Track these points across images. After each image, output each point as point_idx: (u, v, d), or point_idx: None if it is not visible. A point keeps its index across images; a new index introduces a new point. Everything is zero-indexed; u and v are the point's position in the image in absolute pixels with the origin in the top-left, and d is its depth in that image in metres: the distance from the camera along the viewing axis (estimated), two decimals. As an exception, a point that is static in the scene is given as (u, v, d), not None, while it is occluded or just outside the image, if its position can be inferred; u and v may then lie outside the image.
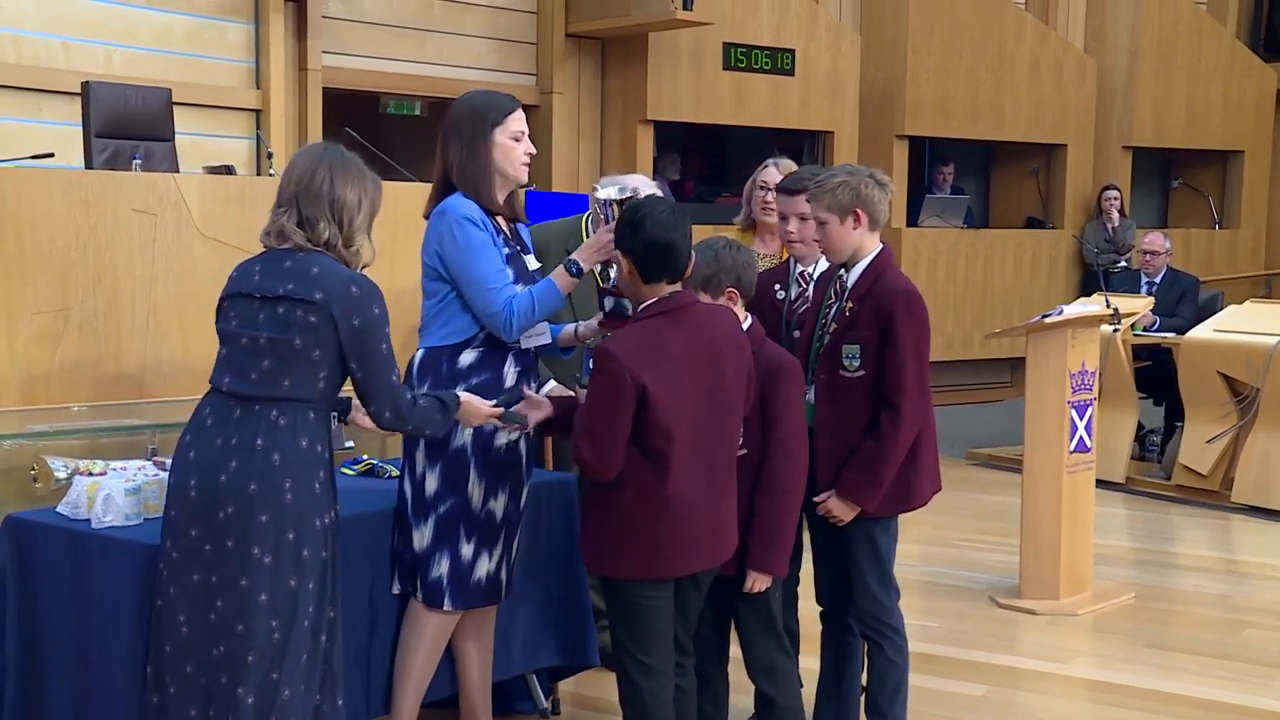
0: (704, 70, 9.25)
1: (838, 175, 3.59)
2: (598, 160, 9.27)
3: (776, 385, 3.39)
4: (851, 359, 3.54)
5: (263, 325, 2.95)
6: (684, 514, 3.13)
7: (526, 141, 3.55)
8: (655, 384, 3.04)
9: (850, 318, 3.55)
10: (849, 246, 3.57)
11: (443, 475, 3.42)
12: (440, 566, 3.43)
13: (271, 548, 2.91)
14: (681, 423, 3.09)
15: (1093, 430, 5.56)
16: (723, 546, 3.27)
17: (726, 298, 3.40)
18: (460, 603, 3.46)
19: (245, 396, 2.95)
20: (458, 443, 3.42)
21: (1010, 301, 10.77)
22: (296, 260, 2.98)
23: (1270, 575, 6.14)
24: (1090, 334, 5.61)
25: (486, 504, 3.46)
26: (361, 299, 2.95)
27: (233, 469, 2.91)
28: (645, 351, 3.07)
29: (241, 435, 2.93)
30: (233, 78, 7.66)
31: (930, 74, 10.42)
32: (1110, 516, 6.99)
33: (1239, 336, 7.29)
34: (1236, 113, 12.05)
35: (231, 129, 7.56)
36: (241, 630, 2.91)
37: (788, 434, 3.40)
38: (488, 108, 3.49)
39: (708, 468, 3.17)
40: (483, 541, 3.46)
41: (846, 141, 10.01)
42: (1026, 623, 5.33)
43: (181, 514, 2.95)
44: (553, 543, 3.92)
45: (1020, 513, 5.55)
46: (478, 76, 8.67)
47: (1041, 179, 11.41)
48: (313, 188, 2.98)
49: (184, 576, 2.94)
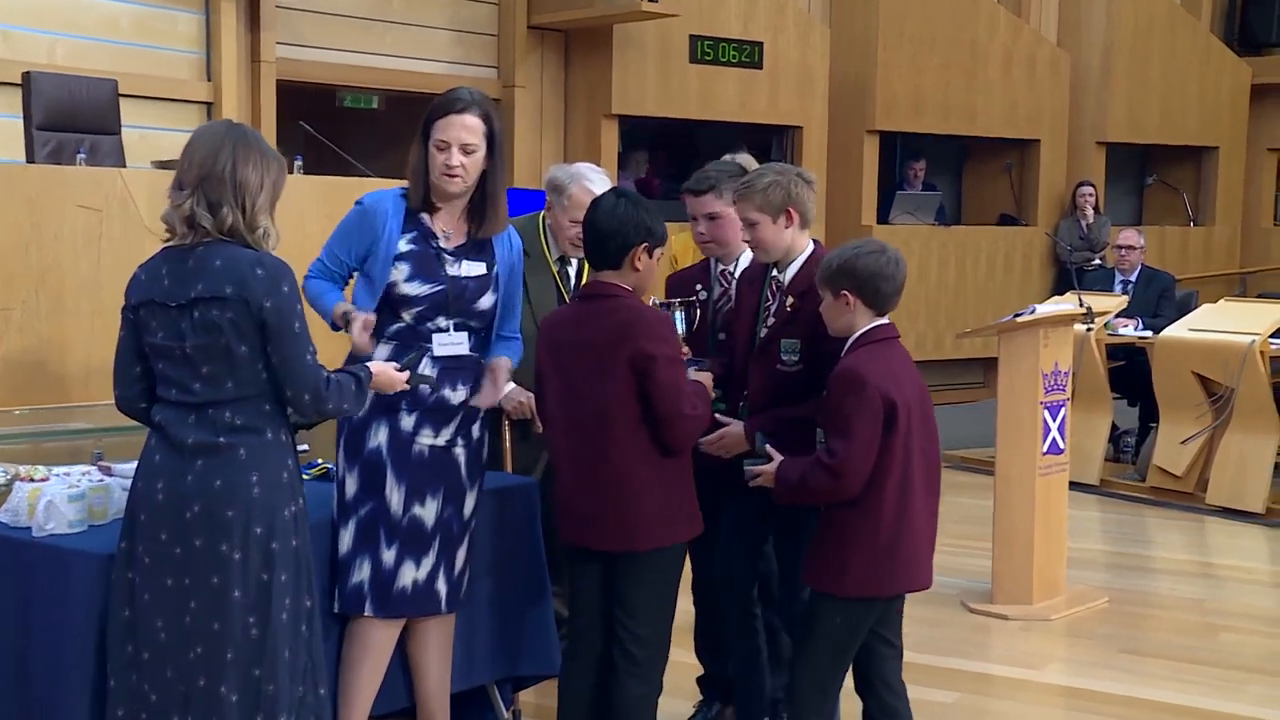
0: (670, 63, 9.24)
1: (766, 175, 3.65)
2: (561, 156, 9.24)
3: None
4: (790, 353, 3.63)
5: (187, 335, 2.93)
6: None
7: (452, 154, 3.45)
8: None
9: (791, 313, 3.63)
10: (781, 246, 3.66)
11: (360, 477, 3.43)
12: (361, 572, 3.42)
13: (240, 543, 2.92)
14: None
15: (1066, 431, 5.58)
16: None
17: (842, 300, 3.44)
18: (383, 611, 3.44)
19: (196, 405, 2.95)
20: (372, 444, 3.43)
21: (983, 300, 10.82)
22: (197, 257, 2.94)
23: (1245, 578, 6.19)
24: (1063, 333, 5.64)
25: (410, 509, 3.44)
26: (268, 279, 2.91)
27: (199, 468, 2.93)
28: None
29: (203, 435, 2.93)
30: (182, 69, 7.59)
31: (902, 68, 10.45)
32: (1084, 519, 7.04)
33: (1214, 336, 7.35)
34: (1212, 108, 12.16)
35: (181, 122, 7.47)
36: (218, 629, 2.92)
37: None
38: (435, 104, 3.49)
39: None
40: (407, 549, 3.44)
41: (816, 137, 10.03)
42: (999, 628, 5.35)
43: (151, 518, 2.96)
44: (515, 549, 3.91)
45: (993, 516, 5.57)
46: (438, 70, 8.64)
47: (1015, 175, 11.46)
48: (216, 171, 2.93)
49: (158, 582, 2.94)
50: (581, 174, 4.27)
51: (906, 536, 3.32)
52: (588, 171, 4.28)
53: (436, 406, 3.50)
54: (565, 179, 4.28)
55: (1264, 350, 7.16)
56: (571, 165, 4.37)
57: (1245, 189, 12.63)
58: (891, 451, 3.26)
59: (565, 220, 4.29)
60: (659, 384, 3.36)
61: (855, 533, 3.30)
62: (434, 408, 3.50)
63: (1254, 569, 6.38)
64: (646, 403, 3.37)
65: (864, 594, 3.33)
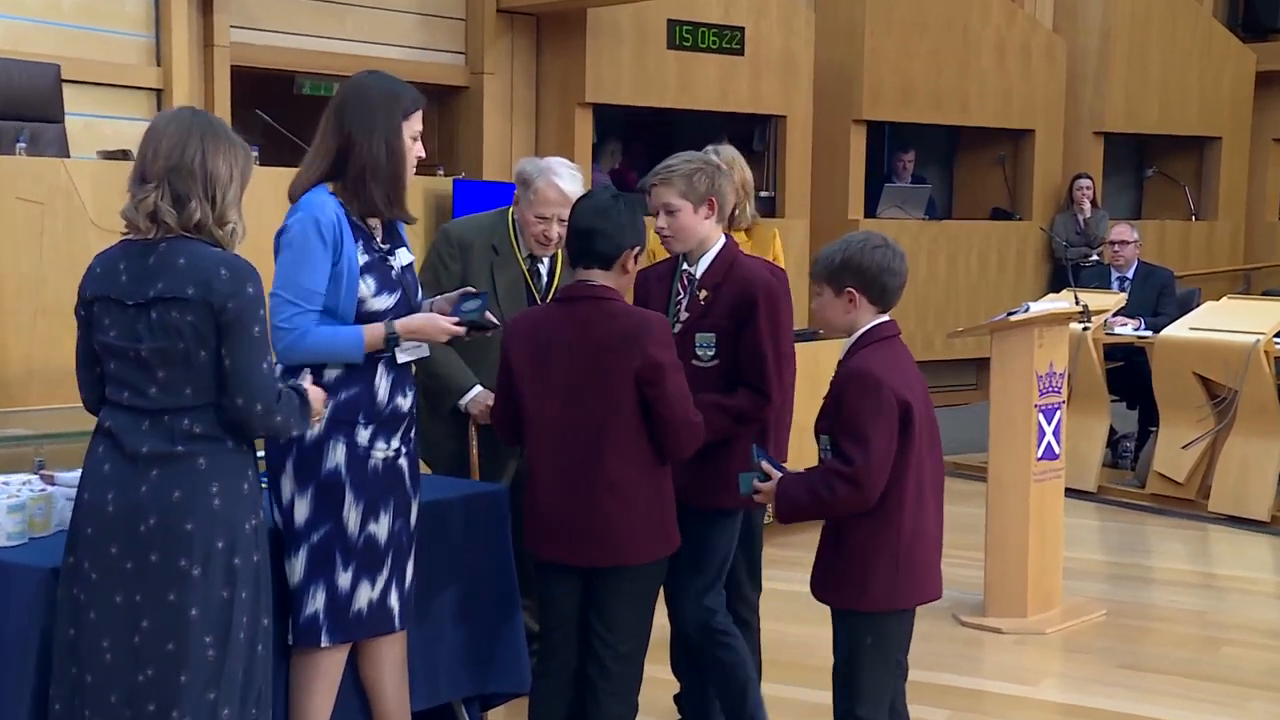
0: (647, 49, 9.25)
1: (692, 161, 3.71)
2: (532, 147, 9.24)
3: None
4: (706, 348, 3.66)
5: (144, 336, 2.90)
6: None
7: (419, 145, 3.49)
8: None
9: (705, 307, 3.67)
10: (698, 235, 3.72)
11: (315, 501, 3.36)
12: (316, 601, 3.37)
13: (201, 559, 2.89)
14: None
15: (1062, 436, 5.61)
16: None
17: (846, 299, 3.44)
18: (339, 636, 3.41)
19: (150, 410, 2.92)
20: (330, 462, 3.36)
21: (975, 298, 10.86)
22: (160, 254, 2.91)
23: (1249, 589, 6.23)
24: (1059, 333, 5.66)
25: (366, 528, 3.41)
26: (233, 280, 2.89)
27: (154, 478, 2.89)
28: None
29: (158, 444, 2.91)
30: (130, 53, 7.55)
31: (890, 54, 10.49)
32: (1081, 528, 7.07)
33: (1216, 335, 7.39)
34: (1214, 97, 12.23)
35: (129, 110, 7.44)
36: (173, 649, 2.89)
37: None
38: (401, 97, 3.44)
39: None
40: (363, 569, 3.41)
41: (800, 126, 10.06)
42: (992, 642, 5.37)
43: (99, 531, 2.92)
44: (483, 560, 3.90)
45: (985, 524, 5.59)
46: (401, 55, 8.62)
47: (1008, 167, 11.51)
48: (184, 162, 2.90)
49: (106, 598, 2.91)
50: (551, 168, 4.27)
51: (921, 544, 3.32)
52: (558, 166, 4.28)
53: (390, 415, 3.46)
54: (534, 173, 4.28)
55: (1269, 350, 7.20)
56: (542, 159, 4.36)
57: (1249, 181, 12.70)
58: (907, 455, 3.25)
59: (531, 215, 4.29)
60: (669, 393, 3.38)
61: (874, 543, 3.27)
62: (389, 418, 3.45)
63: (1258, 580, 6.42)
64: (644, 411, 3.39)
65: (889, 607, 3.31)
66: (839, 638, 3.37)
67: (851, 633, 3.33)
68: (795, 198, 10.10)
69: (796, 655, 4.79)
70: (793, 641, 4.86)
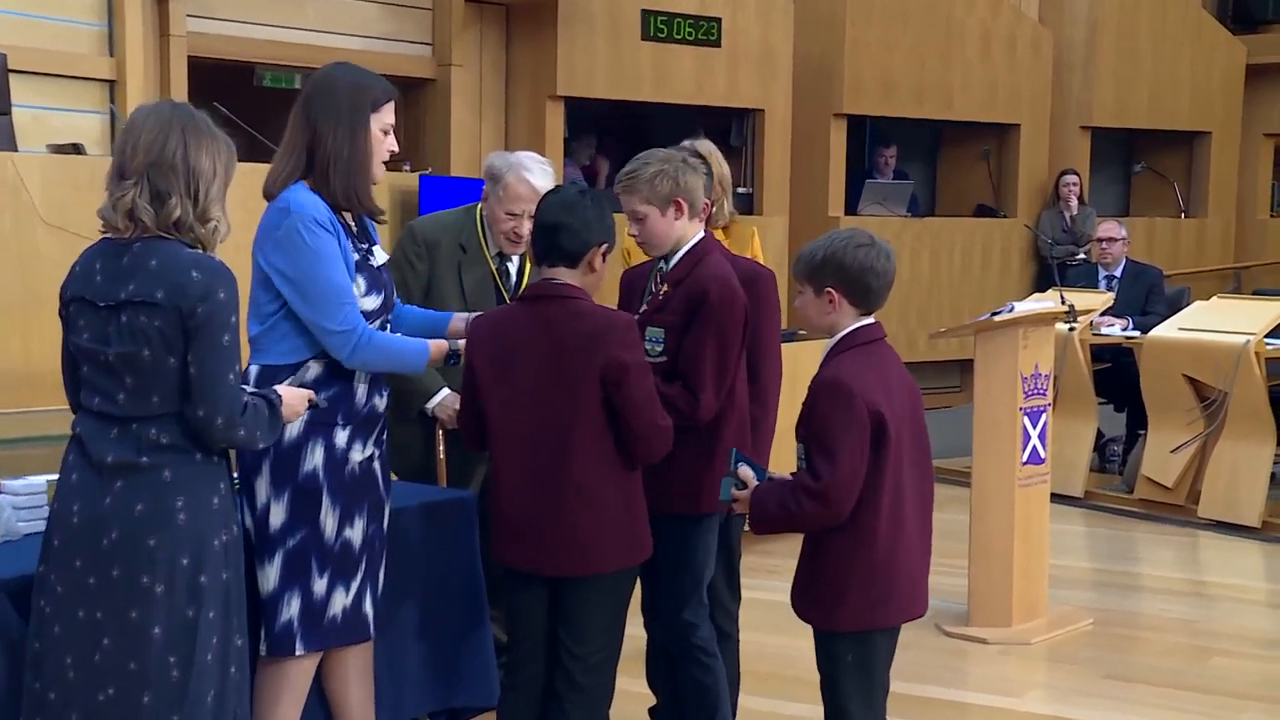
0: (621, 41, 9.25)
1: (652, 164, 3.69)
2: (502, 142, 9.23)
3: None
4: (655, 343, 3.67)
5: (113, 340, 2.90)
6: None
7: (392, 138, 3.51)
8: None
9: (663, 300, 3.69)
10: (670, 238, 3.72)
11: (291, 505, 3.37)
12: (290, 608, 3.38)
13: (164, 575, 2.88)
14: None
15: (1047, 439, 5.63)
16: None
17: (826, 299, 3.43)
18: (314, 644, 3.42)
19: (119, 417, 2.91)
20: (308, 465, 3.38)
21: (959, 297, 10.90)
22: (134, 254, 2.90)
23: (1239, 597, 6.27)
24: (1044, 333, 5.69)
25: (342, 531, 3.42)
26: (204, 283, 2.87)
27: (118, 490, 2.88)
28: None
29: (124, 453, 2.89)
30: (81, 43, 7.51)
31: (871, 46, 10.51)
32: (1067, 534, 7.11)
33: (1206, 336, 7.43)
34: (1204, 91, 12.29)
35: (80, 102, 7.40)
36: (135, 669, 2.87)
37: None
38: (370, 88, 3.45)
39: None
40: (338, 575, 3.43)
41: (779, 121, 10.08)
42: (976, 653, 5.39)
43: (65, 543, 2.91)
44: (450, 569, 3.90)
45: (969, 531, 5.61)
46: (365, 46, 8.60)
47: (993, 163, 11.56)
48: (165, 157, 2.89)
49: (69, 613, 2.90)
50: (521, 163, 4.27)
51: (902, 561, 3.28)
52: (528, 161, 4.28)
53: (368, 418, 3.48)
54: (503, 168, 4.28)
55: (1259, 351, 7.24)
56: (512, 154, 4.36)
57: (1240, 177, 12.77)
58: (882, 469, 3.20)
59: (500, 212, 4.29)
60: (634, 396, 3.37)
61: (849, 560, 3.25)
62: (366, 419, 3.48)
63: (1249, 587, 6.47)
64: (611, 414, 3.38)
65: (865, 626, 3.29)
66: (819, 656, 3.37)
67: (831, 651, 3.32)
68: (774, 194, 10.12)
69: (775, 666, 4.80)
70: (772, 652, 4.87)
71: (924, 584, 3.40)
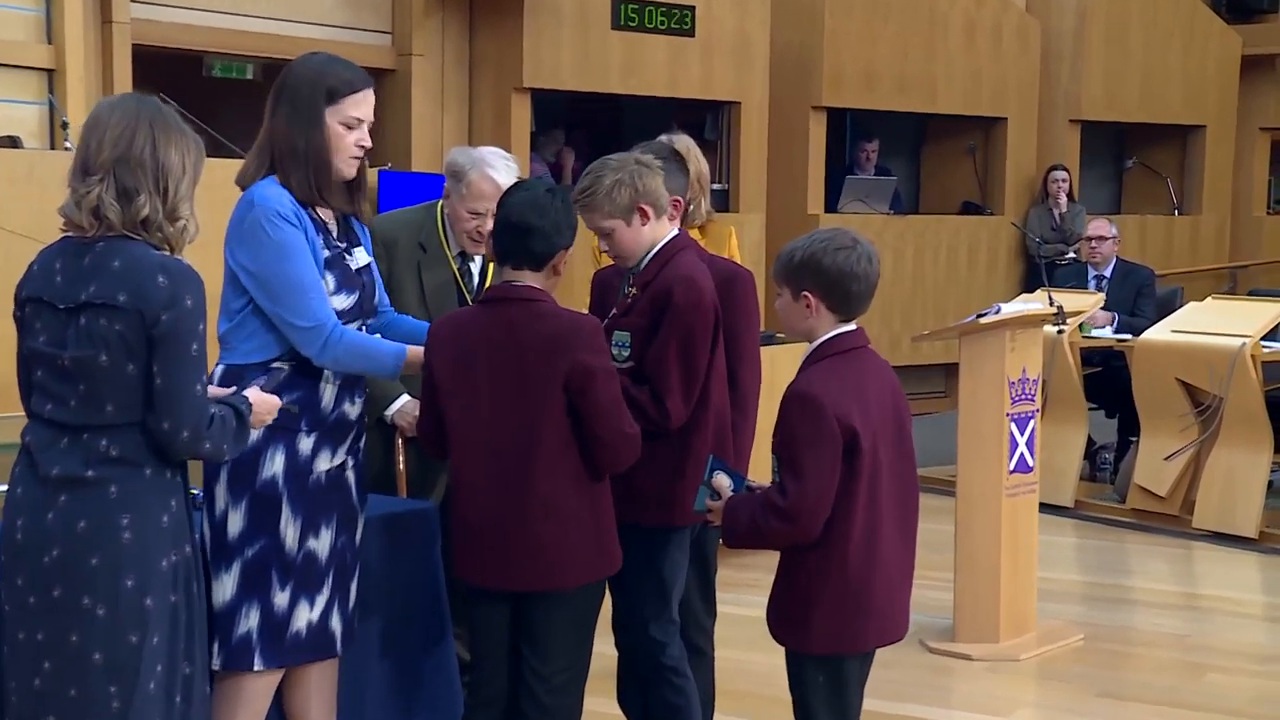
0: (590, 30, 9.26)
1: (606, 176, 3.68)
2: (465, 135, 9.23)
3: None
4: (621, 347, 3.67)
5: (70, 343, 2.89)
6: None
7: (363, 132, 3.48)
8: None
9: (630, 303, 3.69)
10: (643, 245, 3.72)
11: (249, 512, 3.38)
12: (249, 620, 3.38)
13: (106, 597, 2.86)
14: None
15: (1035, 447, 5.66)
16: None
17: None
18: (274, 660, 3.42)
19: (71, 425, 2.90)
20: (267, 472, 3.38)
21: (943, 298, 10.95)
22: (96, 254, 2.90)
23: (1235, 611, 6.31)
24: (1032, 336, 5.71)
25: (305, 542, 3.42)
26: (170, 289, 2.87)
27: (62, 504, 2.87)
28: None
29: (69, 465, 2.89)
30: (18, 30, 7.47)
31: (852, 37, 10.55)
32: (1056, 546, 7.13)
33: (1200, 338, 7.47)
34: (1198, 82, 12.37)
35: (15, 92, 7.37)
36: (74, 696, 2.86)
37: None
38: (328, 77, 3.45)
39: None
40: (302, 587, 3.43)
41: (756, 114, 10.10)
42: (962, 670, 5.42)
43: (9, 560, 2.91)
44: (411, 584, 3.90)
45: (954, 543, 5.64)
46: (321, 35, 8.59)
47: (978, 158, 11.62)
48: (133, 153, 2.89)
49: (12, 634, 2.89)
50: (484, 159, 4.27)
51: (878, 581, 3.27)
52: (492, 157, 4.28)
53: (336, 424, 3.49)
54: (466, 164, 4.29)
55: (1256, 354, 7.28)
56: (475, 149, 4.37)
57: (1235, 173, 12.86)
58: (855, 486, 3.19)
59: (463, 211, 4.30)
60: (600, 402, 3.37)
61: (818, 579, 3.24)
62: (334, 426, 3.48)
63: (1245, 601, 6.51)
64: (576, 420, 3.39)
65: (834, 650, 3.29)
66: (790, 677, 3.37)
67: (801, 673, 3.32)
68: (750, 191, 10.14)
69: (752, 685, 4.82)
70: (748, 670, 4.88)
71: (904, 606, 3.39)
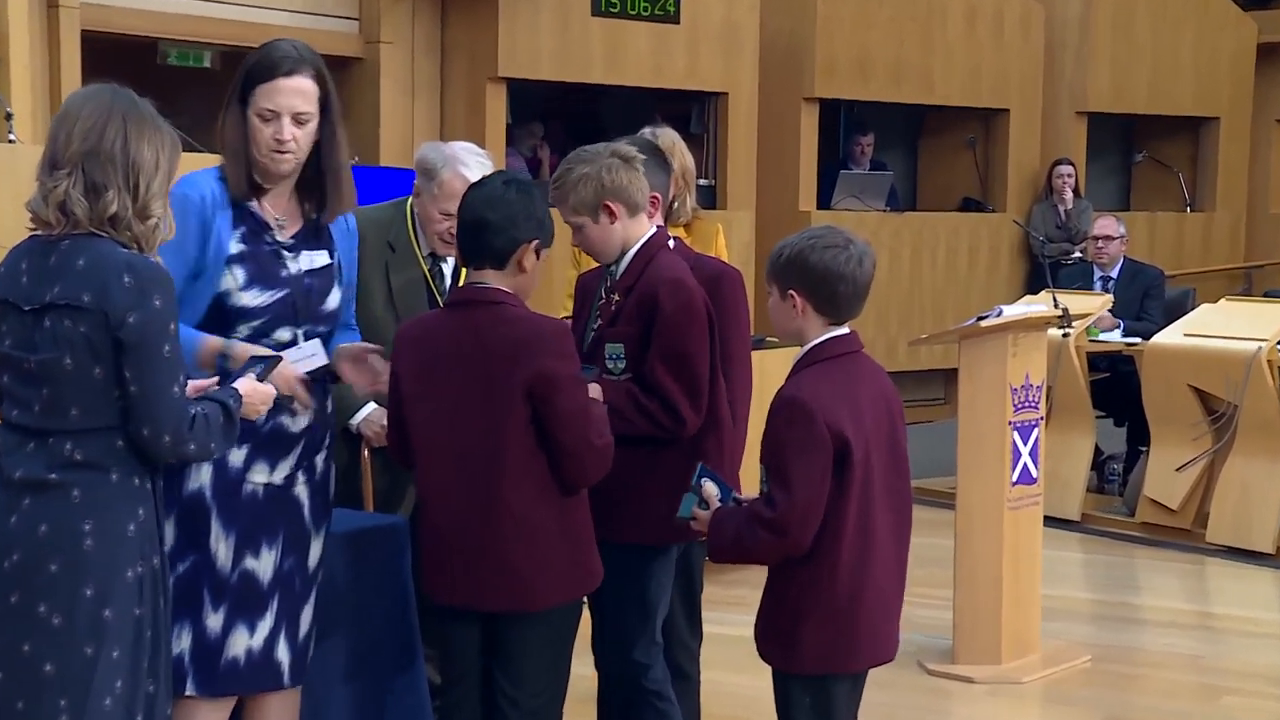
0: (569, 16, 9.25)
1: (574, 169, 3.70)
2: (436, 127, 9.21)
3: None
4: (615, 360, 3.68)
5: (36, 345, 2.91)
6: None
7: (280, 125, 3.43)
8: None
9: (615, 312, 3.70)
10: (613, 244, 3.73)
11: (177, 525, 3.37)
12: (180, 642, 3.37)
13: (63, 606, 2.87)
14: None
15: (1040, 457, 5.66)
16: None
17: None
18: (209, 688, 3.40)
19: (35, 430, 2.93)
20: (192, 485, 3.38)
21: (942, 300, 10.96)
22: (61, 253, 2.92)
23: (1251, 631, 6.32)
24: (1035, 340, 5.72)
25: (241, 562, 3.41)
26: (137, 289, 2.89)
27: (25, 508, 2.90)
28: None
29: (33, 469, 2.91)
30: (-41, 17, 7.44)
31: (845, 24, 10.55)
32: (1062, 561, 7.14)
33: (1213, 342, 7.48)
34: (1210, 73, 12.38)
35: (-43, 83, 7.33)
36: (21, 709, 2.87)
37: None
38: (252, 63, 3.46)
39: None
40: (238, 611, 3.41)
41: (744, 106, 10.09)
42: (962, 693, 5.41)
43: None
44: (379, 604, 3.89)
45: (953, 558, 5.63)
46: (284, 21, 8.55)
47: (979, 152, 11.62)
48: (103, 147, 2.91)
49: None
50: (457, 157, 4.26)
51: (869, 599, 3.28)
52: (464, 154, 4.26)
53: (272, 437, 3.46)
54: (437, 161, 4.27)
55: (1272, 359, 7.29)
56: (447, 144, 4.35)
57: (1250, 168, 12.86)
58: (846, 497, 3.20)
59: (435, 211, 4.28)
60: (563, 411, 3.36)
61: (808, 598, 3.25)
62: (268, 439, 3.45)
63: (1261, 620, 6.51)
64: (543, 430, 3.37)
65: (823, 670, 3.29)
66: (776, 698, 3.38)
67: (788, 694, 3.33)
68: (739, 187, 10.14)
69: (737, 709, 4.81)
70: (734, 693, 4.87)
71: (894, 627, 3.40)
